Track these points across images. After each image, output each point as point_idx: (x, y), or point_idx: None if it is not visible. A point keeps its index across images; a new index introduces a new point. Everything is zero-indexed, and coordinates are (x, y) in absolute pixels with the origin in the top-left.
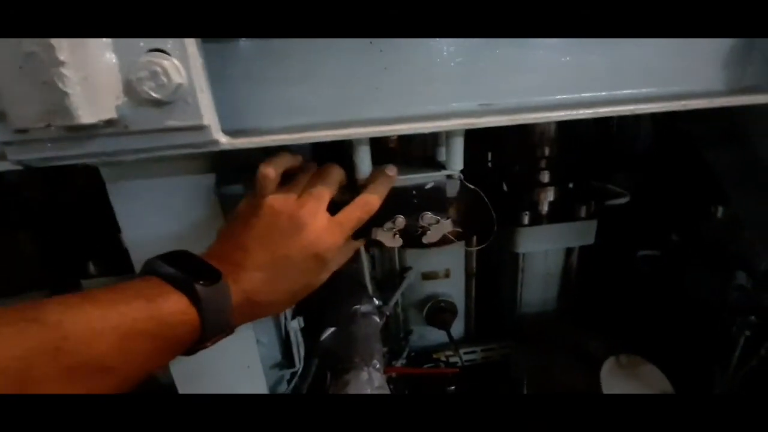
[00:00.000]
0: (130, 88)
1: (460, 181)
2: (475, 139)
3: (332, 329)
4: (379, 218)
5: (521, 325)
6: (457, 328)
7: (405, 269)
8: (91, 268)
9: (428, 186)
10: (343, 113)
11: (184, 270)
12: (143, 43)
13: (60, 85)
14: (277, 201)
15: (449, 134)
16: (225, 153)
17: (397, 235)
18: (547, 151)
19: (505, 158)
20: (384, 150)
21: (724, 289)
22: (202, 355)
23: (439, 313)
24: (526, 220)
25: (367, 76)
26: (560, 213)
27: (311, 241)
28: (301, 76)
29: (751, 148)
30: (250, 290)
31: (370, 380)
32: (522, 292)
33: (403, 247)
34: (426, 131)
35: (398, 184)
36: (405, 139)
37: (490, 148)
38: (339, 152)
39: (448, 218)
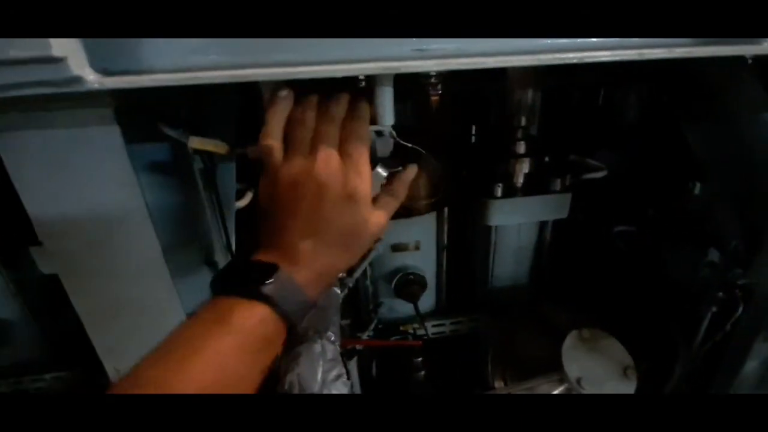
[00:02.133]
0: None
1: (393, 138)
2: (462, 114)
3: None
4: None
5: (492, 299)
6: (428, 301)
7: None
8: None
9: None
10: (246, 55)
11: (243, 278)
12: None
13: None
14: (291, 170)
15: (377, 83)
16: (129, 100)
17: None
18: (523, 121)
19: (487, 131)
20: None
21: (696, 265)
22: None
23: (407, 285)
24: (499, 192)
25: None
26: (535, 186)
27: (338, 191)
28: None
29: (730, 124)
30: (309, 264)
31: (323, 352)
32: (493, 266)
33: None
34: (338, 75)
35: None
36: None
37: (475, 122)
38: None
39: (381, 169)
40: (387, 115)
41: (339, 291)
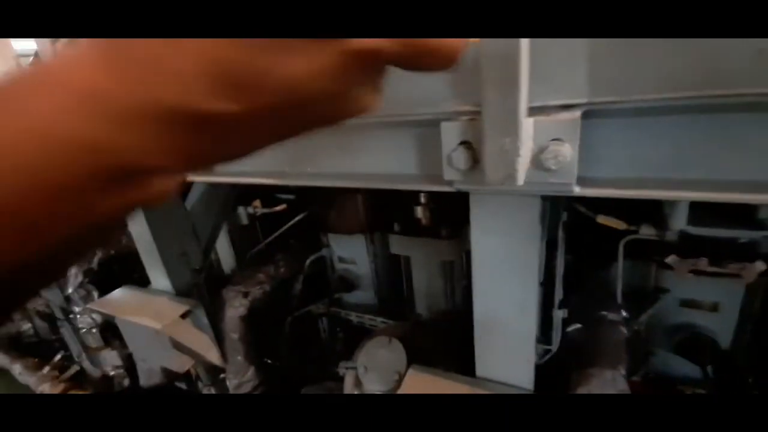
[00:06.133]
0: (537, 161)
1: None
2: None
3: (578, 325)
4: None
5: None
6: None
7: (661, 290)
8: None
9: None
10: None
11: None
12: (547, 134)
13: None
14: None
15: None
16: None
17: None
18: None
19: None
20: None
21: None
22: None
23: (693, 345)
24: None
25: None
26: None
27: None
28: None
29: None
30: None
31: (614, 382)
32: None
33: None
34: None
35: (713, 234)
36: None
37: None
38: None
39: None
40: None
41: (624, 330)
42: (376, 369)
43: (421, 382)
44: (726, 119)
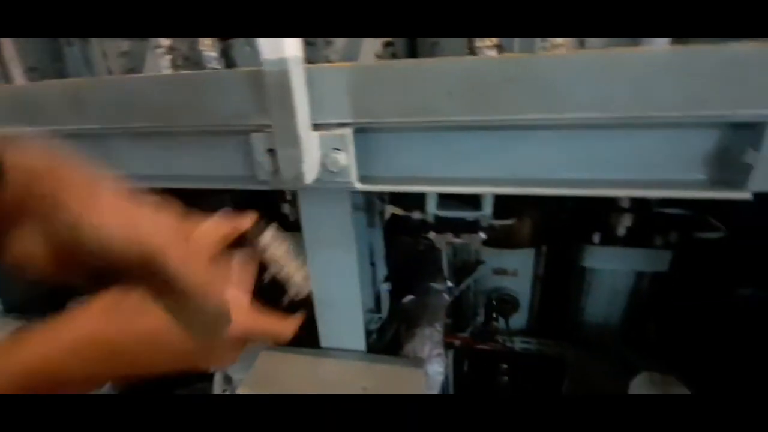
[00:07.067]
0: (323, 165)
1: None
2: None
3: (411, 297)
4: None
5: (579, 330)
6: (520, 320)
7: (479, 262)
8: None
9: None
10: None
11: None
12: (330, 144)
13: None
14: None
15: None
16: None
17: None
18: None
19: None
20: None
21: None
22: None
23: (501, 303)
24: (596, 239)
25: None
26: (636, 238)
27: None
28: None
29: None
30: None
31: (431, 336)
32: (585, 303)
33: None
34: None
35: (452, 215)
36: None
37: None
38: None
39: None
40: None
41: (447, 297)
42: (241, 357)
43: (270, 360)
44: (448, 136)
